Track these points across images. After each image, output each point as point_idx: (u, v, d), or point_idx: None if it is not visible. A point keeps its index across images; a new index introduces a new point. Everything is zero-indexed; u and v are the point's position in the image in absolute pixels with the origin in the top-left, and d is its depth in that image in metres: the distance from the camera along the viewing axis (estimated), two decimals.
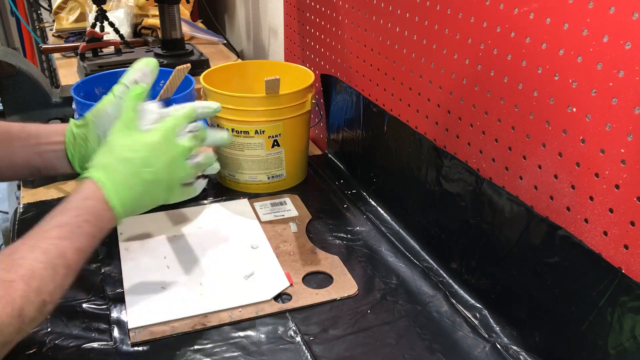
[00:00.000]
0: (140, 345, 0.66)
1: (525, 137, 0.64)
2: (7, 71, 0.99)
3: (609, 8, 0.52)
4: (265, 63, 1.14)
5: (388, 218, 0.92)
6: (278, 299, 0.73)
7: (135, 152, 0.63)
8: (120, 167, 0.62)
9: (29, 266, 0.52)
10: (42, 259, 0.53)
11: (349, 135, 1.04)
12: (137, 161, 0.63)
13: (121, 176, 0.62)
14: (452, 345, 0.67)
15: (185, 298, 0.73)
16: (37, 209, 0.92)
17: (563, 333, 0.61)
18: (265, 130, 0.93)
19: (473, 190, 0.73)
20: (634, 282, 0.53)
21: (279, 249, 0.83)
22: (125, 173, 0.62)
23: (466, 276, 0.76)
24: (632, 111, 0.51)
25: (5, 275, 0.50)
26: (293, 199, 0.96)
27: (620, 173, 0.53)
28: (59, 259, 0.54)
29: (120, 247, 0.82)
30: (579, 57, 0.55)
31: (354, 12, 0.96)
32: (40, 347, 0.65)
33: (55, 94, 1.08)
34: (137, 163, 0.63)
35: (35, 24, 2.45)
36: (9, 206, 2.52)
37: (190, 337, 0.67)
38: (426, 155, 0.81)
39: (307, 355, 0.65)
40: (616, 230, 0.55)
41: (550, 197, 0.62)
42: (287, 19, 1.27)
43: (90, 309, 0.71)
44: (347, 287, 0.76)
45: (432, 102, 0.80)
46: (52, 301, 0.54)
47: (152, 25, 1.69)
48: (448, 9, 0.73)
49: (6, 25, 3.79)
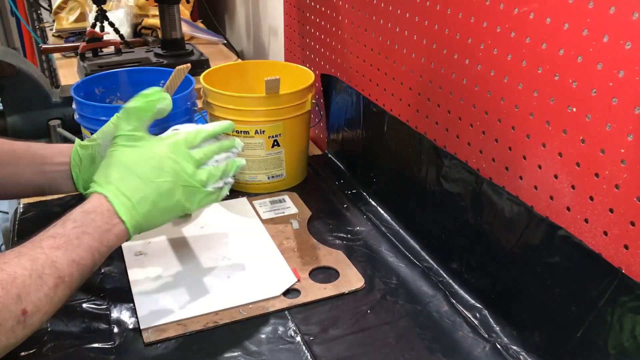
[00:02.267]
0: (153, 345, 0.66)
1: (525, 137, 0.64)
2: (7, 71, 0.99)
3: (609, 8, 0.51)
4: (265, 63, 1.14)
5: (388, 218, 0.92)
6: (287, 295, 0.74)
7: (145, 162, 0.60)
8: (130, 179, 0.59)
9: (11, 271, 0.49)
10: (28, 266, 0.50)
11: (349, 135, 1.04)
12: (147, 171, 0.60)
13: (130, 188, 0.59)
14: (452, 345, 0.67)
15: (194, 297, 0.73)
16: (37, 209, 0.92)
17: (563, 333, 0.61)
18: (265, 130, 0.93)
19: (473, 190, 0.73)
20: (634, 282, 0.53)
21: (283, 245, 0.84)
22: (134, 184, 0.59)
23: (466, 276, 0.76)
24: (632, 111, 0.51)
25: None
26: (292, 197, 0.97)
27: (620, 173, 0.53)
28: (49, 268, 0.51)
29: (123, 248, 0.82)
30: (579, 57, 0.55)
31: (354, 12, 0.96)
32: (40, 347, 0.65)
33: (55, 94, 1.08)
34: (147, 173, 0.60)
35: (35, 24, 2.45)
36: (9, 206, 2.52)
37: (201, 336, 0.67)
38: (426, 155, 0.81)
39: (307, 355, 0.65)
40: (616, 230, 0.55)
41: (550, 197, 0.62)
42: (287, 19, 1.27)
43: (90, 309, 0.71)
44: (354, 281, 0.76)
45: (432, 101, 0.80)
46: (37, 313, 0.50)
47: (152, 25, 1.69)
48: (448, 9, 0.73)
49: (6, 25, 3.79)
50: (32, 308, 0.49)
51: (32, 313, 0.50)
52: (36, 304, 0.50)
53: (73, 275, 0.54)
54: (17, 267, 0.50)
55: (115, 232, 0.58)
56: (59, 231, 0.55)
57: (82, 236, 0.55)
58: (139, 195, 0.59)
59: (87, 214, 0.57)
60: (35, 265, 0.51)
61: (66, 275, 0.53)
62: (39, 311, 0.51)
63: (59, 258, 0.53)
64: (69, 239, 0.54)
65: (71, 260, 0.53)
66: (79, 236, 0.55)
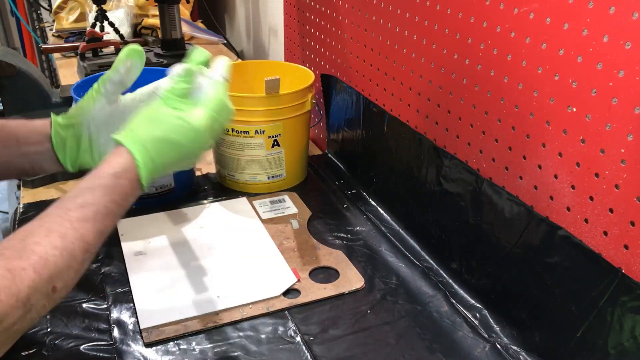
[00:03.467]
0: (153, 345, 0.66)
1: (525, 137, 0.64)
2: (7, 71, 0.99)
3: (609, 8, 0.51)
4: (265, 63, 1.14)
5: (388, 218, 0.92)
6: (287, 295, 0.74)
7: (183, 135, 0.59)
8: (163, 148, 0.58)
9: (43, 253, 0.49)
10: (59, 244, 0.50)
11: (349, 135, 1.04)
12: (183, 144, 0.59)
13: (161, 158, 0.58)
14: (452, 345, 0.67)
15: (194, 297, 0.73)
16: (37, 209, 0.92)
17: (563, 333, 0.61)
18: (265, 130, 0.93)
19: (473, 190, 0.73)
20: (634, 282, 0.53)
21: (283, 245, 0.84)
22: (166, 155, 0.59)
23: (466, 276, 0.76)
24: (632, 111, 0.51)
25: (16, 263, 0.47)
26: (291, 197, 0.97)
27: (620, 173, 0.53)
28: (78, 242, 0.51)
29: (123, 248, 0.82)
30: (579, 57, 0.55)
31: (354, 12, 0.96)
32: (40, 347, 0.65)
33: (55, 94, 1.08)
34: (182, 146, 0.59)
35: (35, 24, 2.45)
36: (9, 206, 2.52)
37: (200, 336, 0.67)
38: (426, 155, 0.81)
39: (307, 355, 0.65)
40: (616, 230, 0.55)
41: (550, 197, 0.62)
42: (287, 19, 1.27)
43: (90, 309, 0.71)
44: (354, 281, 0.76)
45: (432, 101, 0.80)
46: (65, 287, 0.51)
47: (152, 25, 1.69)
48: (448, 9, 0.73)
49: (6, 25, 3.79)
50: (61, 285, 0.50)
51: (61, 289, 0.51)
52: (65, 280, 0.51)
53: (98, 244, 0.54)
54: (49, 248, 0.50)
55: (135, 195, 0.58)
56: (89, 199, 0.54)
57: (109, 205, 0.55)
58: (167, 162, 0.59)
59: (117, 178, 0.56)
60: (65, 242, 0.51)
61: (92, 246, 0.53)
62: (67, 285, 0.52)
63: (87, 231, 0.53)
64: (97, 209, 0.54)
65: (98, 231, 0.54)
66: (107, 205, 0.55)
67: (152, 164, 0.58)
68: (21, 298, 0.47)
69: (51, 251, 0.50)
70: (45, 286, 0.49)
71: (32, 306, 0.48)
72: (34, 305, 0.48)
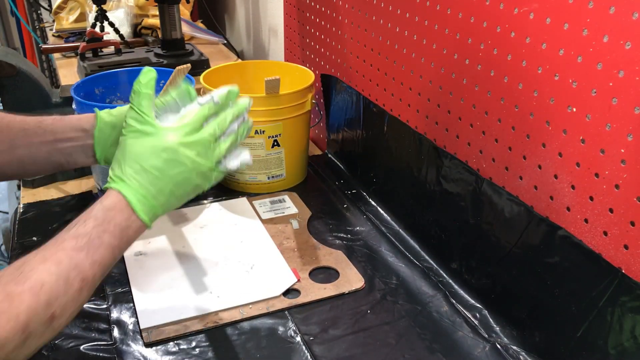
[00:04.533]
0: (153, 345, 0.66)
1: (525, 137, 0.64)
2: (7, 71, 0.99)
3: (609, 8, 0.51)
4: (265, 63, 1.14)
5: (388, 218, 0.92)
6: (287, 295, 0.74)
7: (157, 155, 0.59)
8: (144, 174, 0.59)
9: (39, 278, 0.50)
10: (54, 270, 0.51)
11: (349, 135, 1.04)
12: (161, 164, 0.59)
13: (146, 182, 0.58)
14: (452, 345, 0.67)
15: (194, 297, 0.73)
16: (37, 209, 0.93)
17: (563, 333, 0.61)
18: (265, 130, 0.93)
19: (473, 190, 0.73)
20: (634, 282, 0.53)
21: (283, 245, 0.84)
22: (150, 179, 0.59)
23: (466, 276, 0.76)
24: (632, 111, 0.51)
25: (13, 288, 0.48)
26: (291, 197, 0.97)
27: (620, 173, 0.53)
28: (73, 270, 0.52)
29: None
30: (579, 57, 0.55)
31: (354, 12, 0.96)
32: (40, 347, 0.64)
33: (55, 94, 1.08)
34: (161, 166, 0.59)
35: (35, 24, 2.45)
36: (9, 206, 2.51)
37: (200, 336, 0.67)
38: (426, 155, 0.81)
39: (307, 355, 0.65)
40: (616, 230, 0.55)
41: (550, 197, 0.62)
42: (287, 19, 1.27)
43: (90, 309, 0.71)
44: (354, 281, 0.76)
45: (432, 102, 0.80)
46: (64, 315, 0.51)
47: (152, 25, 1.69)
48: (448, 9, 0.73)
49: (6, 25, 3.79)
50: (59, 312, 0.51)
51: (60, 316, 0.51)
52: (63, 307, 0.51)
53: (96, 275, 0.54)
54: (44, 273, 0.50)
55: (134, 228, 0.58)
56: (81, 230, 0.55)
57: (103, 235, 0.55)
58: (155, 189, 0.59)
59: (108, 210, 0.57)
60: (60, 269, 0.51)
61: (89, 276, 0.53)
62: (66, 313, 0.52)
63: (82, 260, 0.53)
64: (90, 239, 0.55)
65: (93, 261, 0.54)
66: (100, 235, 0.55)
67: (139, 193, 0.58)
68: (20, 322, 0.47)
69: (47, 277, 0.50)
70: (43, 311, 0.49)
71: (31, 333, 0.48)
72: (32, 332, 0.48)
